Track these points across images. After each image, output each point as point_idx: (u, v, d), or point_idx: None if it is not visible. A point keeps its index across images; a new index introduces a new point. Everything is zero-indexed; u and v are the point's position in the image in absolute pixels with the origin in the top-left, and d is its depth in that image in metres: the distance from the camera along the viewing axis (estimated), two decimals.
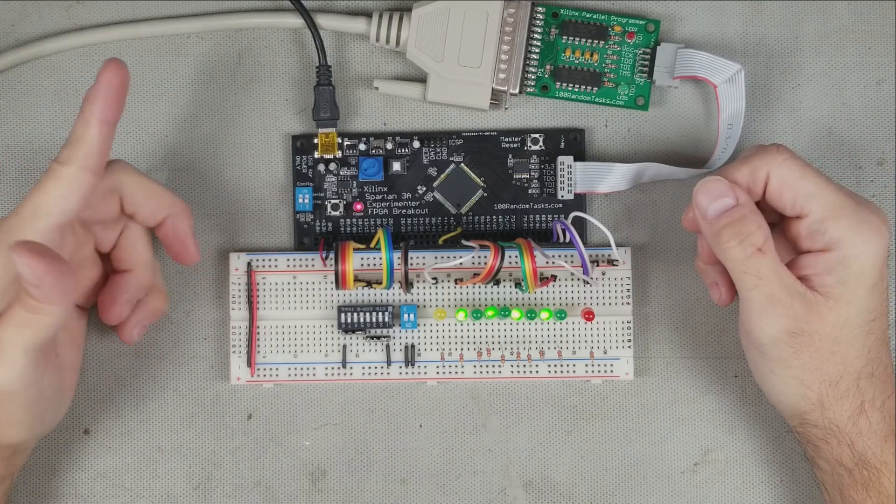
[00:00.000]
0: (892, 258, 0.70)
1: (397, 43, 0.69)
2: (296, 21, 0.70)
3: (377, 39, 0.70)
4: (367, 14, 0.70)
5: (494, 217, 0.71)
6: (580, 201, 0.70)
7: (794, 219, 0.63)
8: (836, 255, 0.61)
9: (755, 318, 0.62)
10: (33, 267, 0.55)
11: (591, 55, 0.70)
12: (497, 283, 0.70)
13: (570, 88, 0.70)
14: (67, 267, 0.56)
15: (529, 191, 0.71)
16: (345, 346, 0.69)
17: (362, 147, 0.71)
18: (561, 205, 0.70)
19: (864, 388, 0.62)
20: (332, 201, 0.70)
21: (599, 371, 0.69)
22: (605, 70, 0.70)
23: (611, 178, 0.69)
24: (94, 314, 0.70)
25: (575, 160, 0.70)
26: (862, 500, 0.62)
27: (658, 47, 0.69)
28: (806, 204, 0.62)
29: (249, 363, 0.69)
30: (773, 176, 0.62)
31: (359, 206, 0.70)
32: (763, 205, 0.63)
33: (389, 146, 0.71)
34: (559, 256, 0.69)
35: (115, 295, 0.66)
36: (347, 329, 0.69)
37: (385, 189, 0.71)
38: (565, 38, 0.70)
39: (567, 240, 0.68)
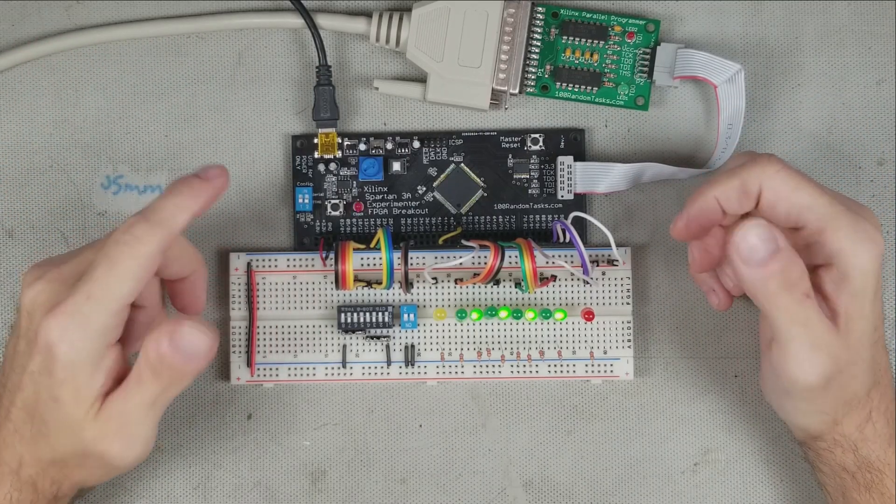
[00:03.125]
0: (893, 260, 0.70)
1: (397, 43, 0.70)
2: (296, 21, 0.70)
3: (377, 39, 0.70)
4: (367, 14, 0.70)
5: (494, 217, 0.71)
6: (580, 201, 0.70)
7: (789, 230, 0.62)
8: (840, 268, 0.60)
9: (796, 365, 0.60)
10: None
11: (591, 55, 0.70)
12: (497, 283, 0.70)
13: (570, 88, 0.70)
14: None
15: (529, 191, 0.71)
16: (345, 346, 0.69)
17: (362, 147, 0.71)
18: (561, 205, 0.70)
19: (872, 397, 0.62)
20: (332, 201, 0.70)
21: (599, 371, 0.69)
22: (605, 70, 0.70)
23: (611, 178, 0.69)
24: None
25: (575, 160, 0.70)
26: (865, 502, 0.62)
27: (658, 47, 0.69)
28: (801, 216, 0.60)
29: (249, 363, 0.69)
30: (765, 188, 0.60)
31: (359, 206, 0.70)
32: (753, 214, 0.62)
33: (389, 146, 0.71)
34: (559, 256, 0.69)
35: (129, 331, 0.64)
36: (347, 329, 0.69)
37: (385, 189, 0.71)
38: (565, 38, 0.70)
39: (567, 240, 0.68)
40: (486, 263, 0.67)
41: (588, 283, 0.69)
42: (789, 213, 0.61)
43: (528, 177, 0.71)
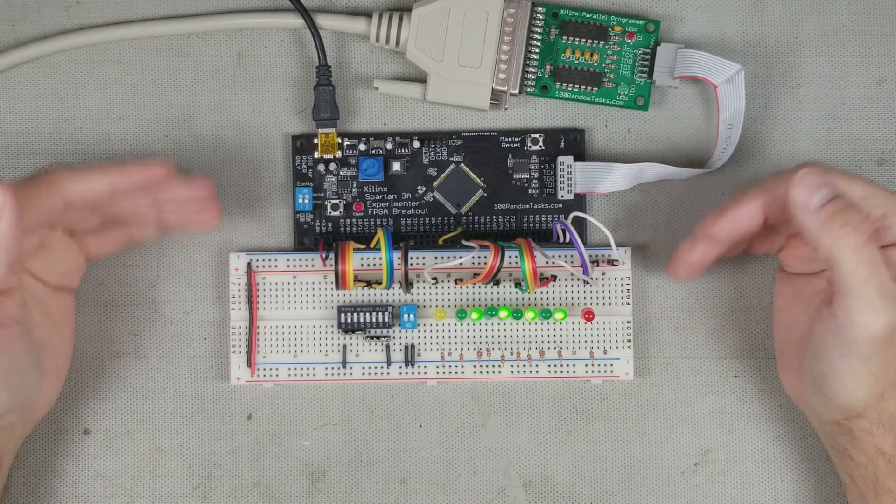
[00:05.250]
0: None
1: (397, 43, 0.70)
2: (296, 21, 0.70)
3: (377, 39, 0.70)
4: (367, 14, 0.70)
5: (494, 217, 0.71)
6: (580, 201, 0.70)
7: None
8: None
9: (864, 311, 0.59)
10: None
11: (591, 55, 0.70)
12: (497, 283, 0.70)
13: (570, 88, 0.70)
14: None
15: (529, 191, 0.71)
16: (345, 346, 0.69)
17: (362, 147, 0.71)
18: (561, 205, 0.70)
19: None
20: (332, 201, 0.70)
21: (599, 371, 0.69)
22: (605, 70, 0.70)
23: (611, 179, 0.69)
24: (90, 315, 0.70)
25: (575, 160, 0.70)
26: None
27: (658, 47, 0.69)
28: (861, 206, 0.60)
29: (249, 363, 0.69)
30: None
31: (359, 207, 0.70)
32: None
33: (389, 146, 0.71)
34: (559, 256, 0.69)
35: None
36: (347, 329, 0.69)
37: (385, 189, 0.71)
38: (565, 38, 0.70)
39: (567, 240, 0.68)
40: (486, 263, 0.67)
41: (588, 283, 0.69)
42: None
43: (528, 177, 0.71)
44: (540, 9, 0.70)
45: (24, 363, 0.63)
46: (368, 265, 0.70)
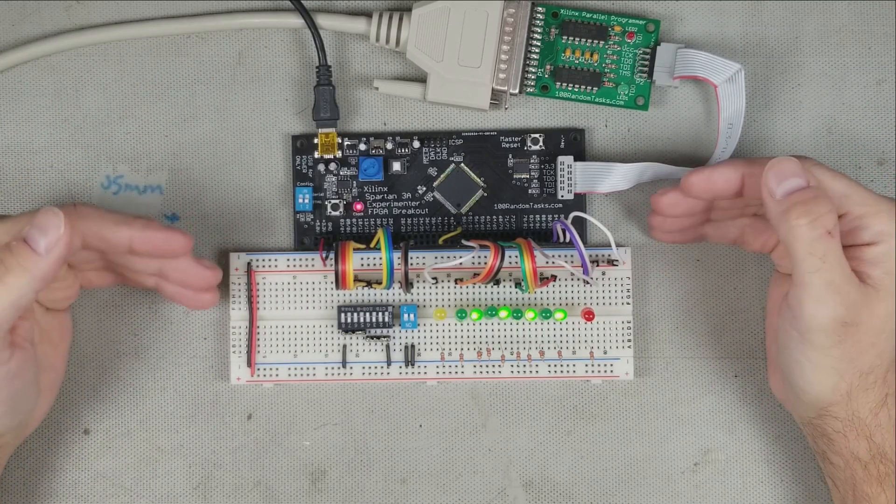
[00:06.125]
0: None
1: (397, 43, 0.70)
2: (296, 21, 0.70)
3: (377, 39, 0.70)
4: (367, 14, 0.70)
5: (494, 217, 0.71)
6: (580, 201, 0.70)
7: None
8: (883, 247, 0.61)
9: (810, 302, 0.60)
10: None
11: (591, 55, 0.70)
12: (497, 283, 0.70)
13: (570, 88, 0.70)
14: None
15: (529, 191, 0.71)
16: (345, 346, 0.69)
17: (362, 147, 0.71)
18: (561, 205, 0.70)
19: (889, 381, 0.62)
20: (332, 201, 0.70)
21: (599, 371, 0.69)
22: (605, 70, 0.70)
23: (611, 178, 0.69)
24: (90, 315, 0.70)
25: (575, 160, 0.70)
26: (876, 496, 0.62)
27: (658, 47, 0.69)
28: (842, 203, 0.61)
29: (249, 363, 0.69)
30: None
31: (359, 206, 0.70)
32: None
33: (389, 146, 0.71)
34: (559, 256, 0.69)
35: None
36: (347, 329, 0.69)
37: (385, 189, 0.71)
38: (565, 38, 0.70)
39: (567, 240, 0.68)
40: (486, 263, 0.67)
41: (588, 283, 0.69)
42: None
43: (528, 177, 0.71)
44: (540, 9, 0.70)
45: (31, 385, 0.63)
46: (368, 265, 0.70)
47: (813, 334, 0.61)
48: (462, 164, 0.71)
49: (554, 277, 0.69)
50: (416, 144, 0.71)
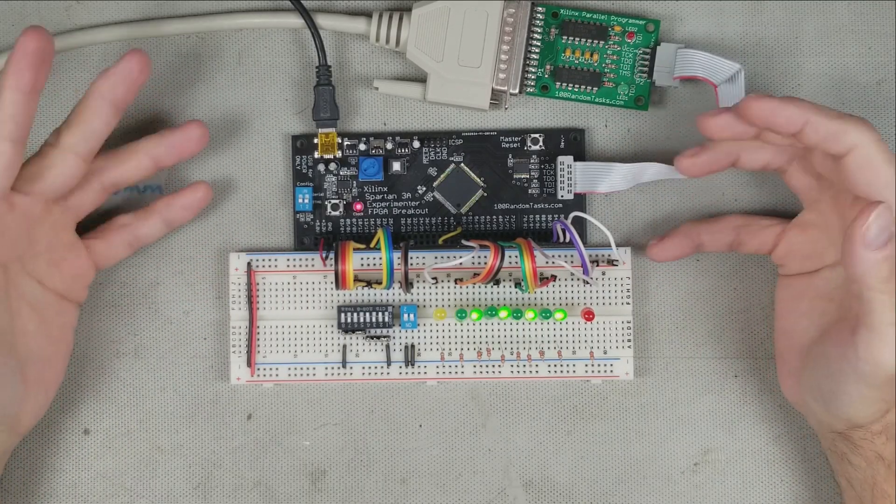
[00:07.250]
0: None
1: (397, 43, 0.70)
2: (296, 21, 0.70)
3: (377, 39, 0.70)
4: (367, 14, 0.70)
5: (494, 217, 0.71)
6: (580, 201, 0.70)
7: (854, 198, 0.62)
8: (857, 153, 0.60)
9: (885, 351, 0.59)
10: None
11: (591, 55, 0.70)
12: (497, 283, 0.70)
13: (570, 88, 0.70)
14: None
15: (529, 191, 0.71)
16: (345, 346, 0.69)
17: (362, 147, 0.71)
18: (561, 205, 0.70)
19: None
20: (332, 201, 0.70)
21: (599, 371, 0.69)
22: (605, 70, 0.70)
23: (611, 178, 0.69)
24: (90, 315, 0.70)
25: (575, 160, 0.70)
26: None
27: (658, 47, 0.69)
28: (885, 192, 0.60)
29: (249, 363, 0.69)
30: (858, 152, 0.60)
31: (359, 206, 0.70)
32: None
33: (389, 146, 0.71)
34: (559, 256, 0.69)
35: None
36: (347, 329, 0.69)
37: (385, 189, 0.71)
38: (565, 38, 0.70)
39: (567, 240, 0.68)
40: (486, 263, 0.67)
41: (588, 283, 0.69)
42: (871, 184, 0.60)
43: (528, 177, 0.71)
44: (540, 9, 0.70)
45: (4, 376, 0.62)
46: (368, 265, 0.70)
47: (876, 378, 0.60)
48: (462, 164, 0.71)
49: (554, 277, 0.69)
50: (416, 144, 0.71)
